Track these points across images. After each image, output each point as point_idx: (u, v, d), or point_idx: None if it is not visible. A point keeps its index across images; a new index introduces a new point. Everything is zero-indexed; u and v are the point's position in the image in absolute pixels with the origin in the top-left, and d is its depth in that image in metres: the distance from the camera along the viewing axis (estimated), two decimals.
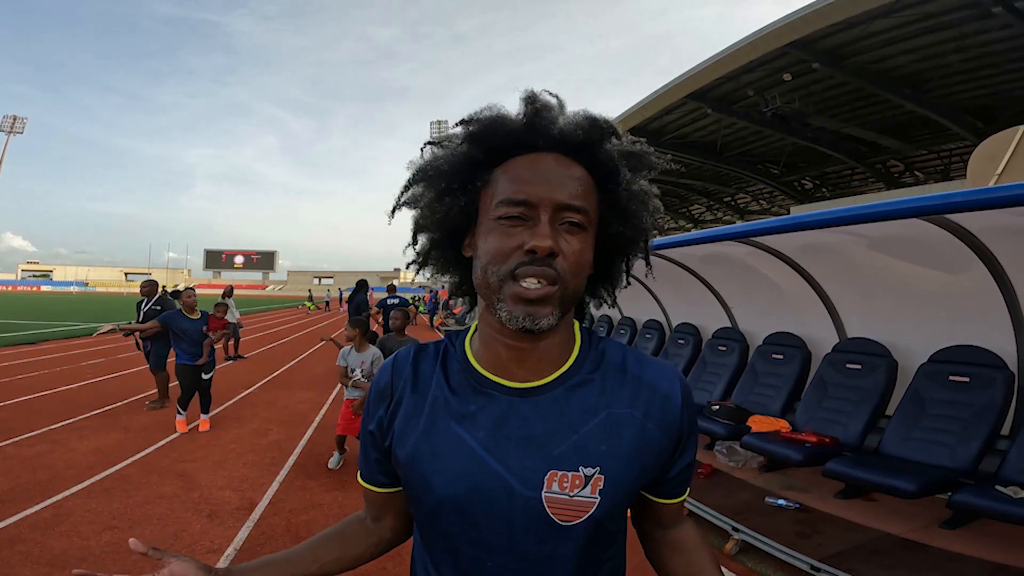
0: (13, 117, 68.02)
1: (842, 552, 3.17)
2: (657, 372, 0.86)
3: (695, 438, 0.90)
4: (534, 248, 0.73)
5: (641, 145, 0.85)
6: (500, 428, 0.79)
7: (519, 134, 0.80)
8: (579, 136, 0.79)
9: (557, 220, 0.76)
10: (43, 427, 6.20)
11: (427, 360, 0.89)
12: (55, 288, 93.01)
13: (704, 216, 32.84)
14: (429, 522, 0.83)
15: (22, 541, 3.49)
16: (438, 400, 0.84)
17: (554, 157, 0.79)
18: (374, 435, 0.89)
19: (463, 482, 0.78)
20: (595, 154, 0.80)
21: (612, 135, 0.82)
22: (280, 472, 4.93)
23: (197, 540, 3.58)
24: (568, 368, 0.83)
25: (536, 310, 0.74)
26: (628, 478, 0.80)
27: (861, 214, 3.32)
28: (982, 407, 3.68)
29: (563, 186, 0.76)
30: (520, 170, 0.79)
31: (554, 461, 0.77)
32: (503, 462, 0.78)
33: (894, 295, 4.62)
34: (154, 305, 7.29)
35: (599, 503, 0.77)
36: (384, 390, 0.89)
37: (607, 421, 0.80)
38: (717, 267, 6.18)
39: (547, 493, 0.77)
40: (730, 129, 20.19)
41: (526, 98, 0.81)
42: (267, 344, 16.14)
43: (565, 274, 0.75)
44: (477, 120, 0.82)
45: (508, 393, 0.82)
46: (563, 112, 0.82)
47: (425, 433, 0.82)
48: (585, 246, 0.78)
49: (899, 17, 12.32)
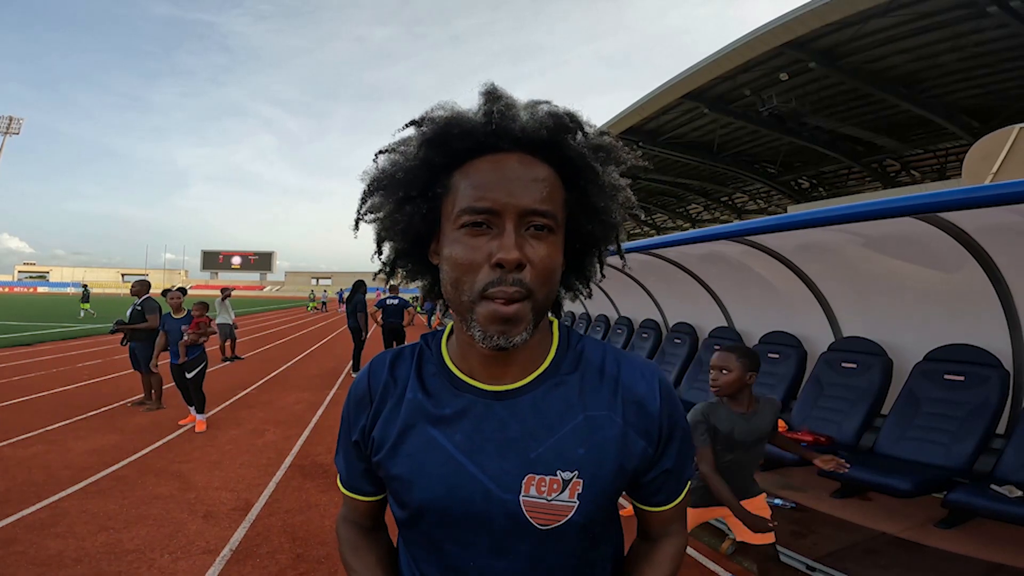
0: (9, 117, 67.75)
1: (837, 551, 3.18)
2: (635, 373, 0.83)
3: (682, 442, 0.86)
4: (501, 261, 0.70)
5: (609, 138, 0.82)
6: (477, 431, 0.78)
7: (478, 135, 0.75)
8: (543, 135, 0.75)
9: (522, 226, 0.72)
10: (39, 428, 6.18)
11: (403, 363, 0.88)
12: (52, 289, 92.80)
13: (701, 215, 32.88)
14: (411, 525, 0.82)
15: (18, 542, 3.48)
16: (413, 404, 0.82)
17: (517, 158, 0.75)
18: (358, 444, 0.87)
19: (441, 486, 0.77)
20: (561, 152, 0.76)
21: (578, 130, 0.77)
22: (276, 473, 4.92)
23: (193, 540, 3.58)
24: (545, 369, 0.82)
25: (508, 329, 0.72)
26: (607, 482, 0.78)
27: (856, 213, 3.33)
28: (977, 406, 3.69)
29: (527, 190, 0.72)
30: (481, 175, 0.74)
31: (531, 464, 0.76)
32: (480, 465, 0.77)
33: (890, 294, 4.63)
34: (138, 306, 7.27)
35: (577, 507, 0.76)
36: (363, 398, 0.87)
37: (585, 424, 0.79)
38: (714, 266, 6.20)
39: (524, 497, 0.75)
40: (727, 129, 20.22)
41: (484, 93, 0.77)
42: (264, 345, 16.11)
43: (534, 284, 0.72)
44: (431, 120, 0.77)
45: (485, 396, 0.80)
46: (525, 107, 0.77)
47: (402, 437, 0.81)
48: (554, 249, 0.74)
49: (895, 17, 12.35)
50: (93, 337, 16.71)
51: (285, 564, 3.31)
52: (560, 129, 0.76)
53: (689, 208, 32.64)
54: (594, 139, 0.79)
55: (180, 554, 3.40)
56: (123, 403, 7.64)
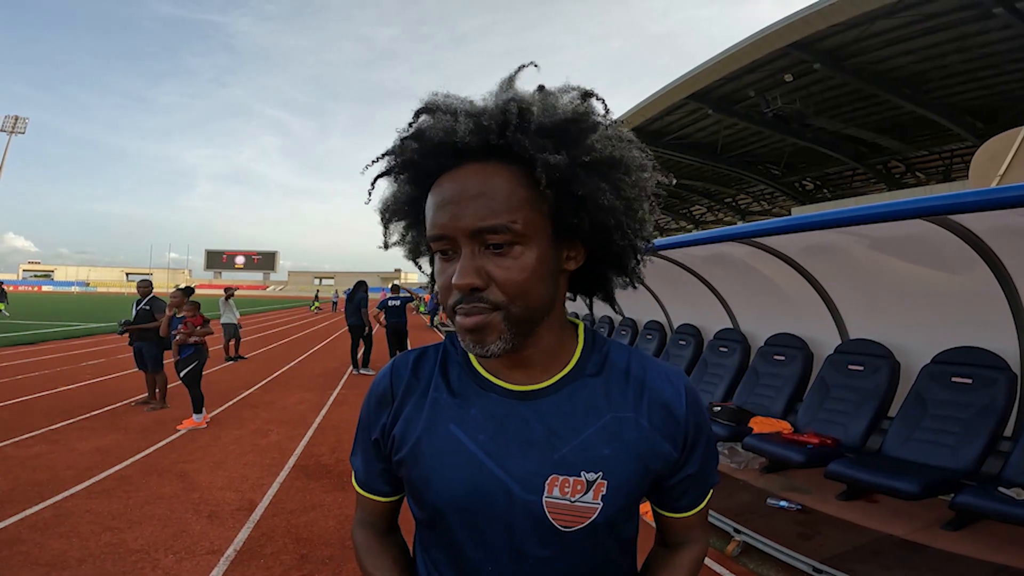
0: (15, 117, 67.77)
1: (843, 553, 3.16)
2: (662, 376, 0.82)
3: (706, 448, 0.85)
4: (455, 288, 0.69)
5: (575, 108, 0.73)
6: (501, 431, 0.77)
7: (422, 162, 0.74)
8: (479, 140, 0.70)
9: (481, 244, 0.69)
10: (43, 427, 6.19)
11: (427, 362, 0.87)
12: (56, 288, 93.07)
13: (705, 217, 32.84)
14: (430, 525, 0.81)
15: (22, 542, 3.48)
16: (437, 402, 0.81)
17: (469, 170, 0.71)
18: (378, 443, 0.87)
19: (463, 485, 0.76)
20: (511, 148, 0.70)
21: (522, 117, 0.70)
22: (280, 473, 4.91)
23: (197, 541, 3.57)
24: (570, 370, 0.81)
25: (481, 338, 0.71)
26: (632, 483, 0.77)
27: (864, 215, 3.31)
28: (984, 408, 3.66)
29: (474, 207, 0.68)
30: (435, 198, 0.72)
31: (555, 465, 0.75)
32: (503, 465, 0.76)
33: (896, 296, 4.61)
34: (144, 305, 7.31)
35: (601, 509, 0.75)
36: (384, 396, 0.86)
37: (610, 425, 0.78)
38: (718, 268, 6.18)
39: (548, 498, 0.74)
40: (731, 130, 20.18)
41: (415, 112, 0.75)
42: (267, 345, 16.13)
43: (503, 300, 0.69)
44: (390, 152, 0.77)
45: (509, 395, 0.79)
46: (471, 112, 0.72)
47: (425, 435, 0.80)
48: (527, 261, 0.70)
49: (900, 18, 12.31)
50: (96, 336, 16.74)
51: (289, 565, 3.31)
52: (500, 125, 0.69)
53: (692, 209, 32.60)
54: (547, 120, 0.70)
55: (184, 554, 3.39)
56: (126, 403, 7.65)
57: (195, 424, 6.41)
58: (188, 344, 6.47)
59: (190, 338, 6.44)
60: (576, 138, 0.71)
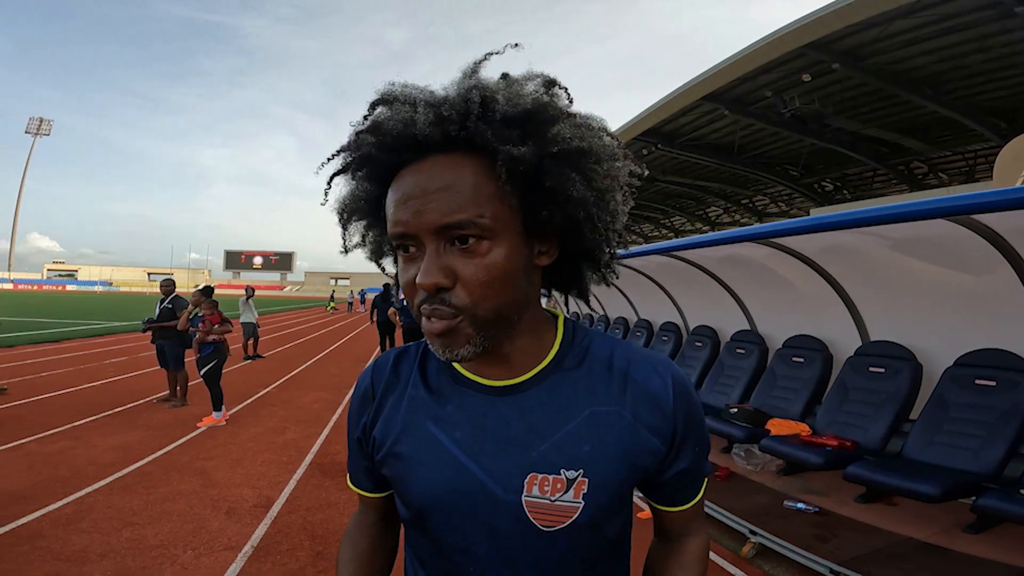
0: (40, 119, 68.97)
1: (861, 556, 3.13)
2: (647, 367, 0.78)
3: (698, 441, 0.81)
4: (419, 288, 0.67)
5: (539, 97, 0.69)
6: (478, 428, 0.75)
7: (378, 157, 0.70)
8: (444, 129, 0.66)
9: (447, 241, 0.66)
10: (65, 424, 6.30)
11: (407, 360, 0.86)
12: (80, 288, 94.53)
13: (721, 218, 32.60)
14: (414, 524, 0.80)
15: (44, 537, 3.54)
16: (415, 400, 0.80)
17: (432, 162, 0.67)
18: (360, 442, 0.86)
19: (441, 485, 0.74)
20: (474, 139, 0.66)
21: (485, 106, 0.66)
22: (297, 471, 4.96)
23: (215, 537, 3.61)
24: (547, 364, 0.78)
25: (449, 344, 0.68)
26: (615, 481, 0.74)
27: (886, 215, 3.27)
28: (1008, 411, 3.60)
29: (438, 202, 0.65)
30: (395, 193, 0.69)
31: (534, 463, 0.72)
32: (481, 464, 0.73)
33: (918, 298, 4.54)
34: (167, 304, 7.43)
35: (583, 508, 0.72)
36: (366, 395, 0.86)
37: (590, 420, 0.74)
38: (736, 269, 6.13)
39: (527, 497, 0.72)
40: (747, 131, 20.01)
41: (371, 104, 0.72)
42: (284, 344, 16.27)
43: (468, 302, 0.66)
44: (342, 150, 0.74)
45: (486, 392, 0.77)
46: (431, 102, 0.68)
47: (403, 434, 0.79)
48: (495, 257, 0.67)
49: (919, 18, 12.15)
50: (118, 335, 16.99)
51: (305, 562, 3.34)
52: (460, 116, 0.66)
53: (708, 211, 32.38)
54: (510, 109, 0.67)
55: (203, 550, 3.44)
56: (148, 400, 7.76)
57: (215, 421, 6.49)
58: (208, 342, 6.56)
59: (208, 336, 6.53)
60: (543, 127, 0.68)
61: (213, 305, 6.75)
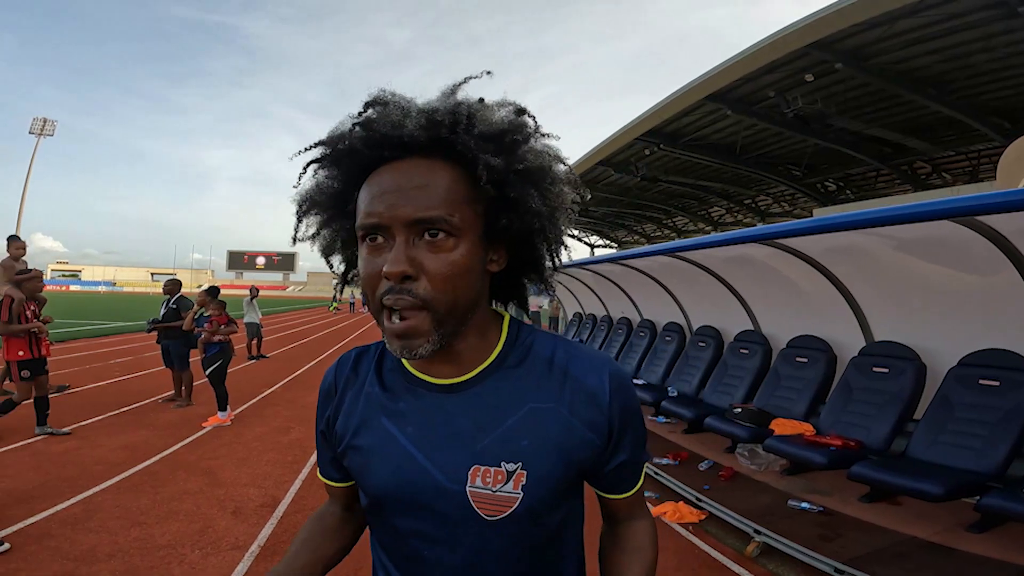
0: (43, 119, 68.79)
1: (866, 555, 3.13)
2: (586, 365, 0.83)
3: (636, 434, 0.87)
4: (385, 275, 0.71)
5: (511, 120, 0.78)
6: (427, 424, 0.81)
7: (362, 152, 0.75)
8: (428, 134, 0.73)
9: (416, 235, 0.72)
10: (72, 424, 6.33)
11: (366, 358, 0.92)
12: (84, 288, 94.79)
13: (724, 218, 32.53)
14: (373, 512, 0.86)
15: (52, 536, 3.56)
16: (371, 397, 0.86)
17: (412, 163, 0.74)
18: (324, 434, 0.93)
19: (394, 477, 0.80)
20: (453, 148, 0.74)
21: (468, 119, 0.74)
22: (302, 470, 4.98)
23: (222, 536, 3.64)
24: (491, 362, 0.83)
25: (408, 342, 0.73)
26: (553, 474, 0.79)
27: (890, 215, 3.28)
28: (1011, 411, 3.60)
29: (414, 198, 0.71)
30: (372, 188, 0.74)
31: (477, 456, 0.78)
32: (430, 457, 0.79)
33: (922, 298, 4.55)
34: (172, 304, 7.47)
35: (522, 499, 0.77)
36: (329, 390, 0.93)
37: (529, 415, 0.80)
38: (739, 269, 6.14)
39: (471, 488, 0.77)
40: (750, 131, 19.97)
41: (364, 104, 0.78)
42: (288, 344, 16.30)
43: (431, 294, 0.71)
44: (324, 143, 0.80)
45: (434, 390, 0.83)
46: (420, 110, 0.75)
47: (360, 428, 0.85)
48: (458, 255, 0.73)
49: (923, 17, 12.11)
50: (123, 335, 17.04)
51: None
52: (445, 125, 0.73)
53: (711, 211, 32.32)
54: (490, 126, 0.75)
55: (210, 550, 3.46)
56: (153, 399, 7.79)
57: (220, 421, 6.52)
58: (213, 342, 6.59)
59: (214, 336, 6.57)
60: (512, 147, 0.76)
61: (220, 306, 6.79)
